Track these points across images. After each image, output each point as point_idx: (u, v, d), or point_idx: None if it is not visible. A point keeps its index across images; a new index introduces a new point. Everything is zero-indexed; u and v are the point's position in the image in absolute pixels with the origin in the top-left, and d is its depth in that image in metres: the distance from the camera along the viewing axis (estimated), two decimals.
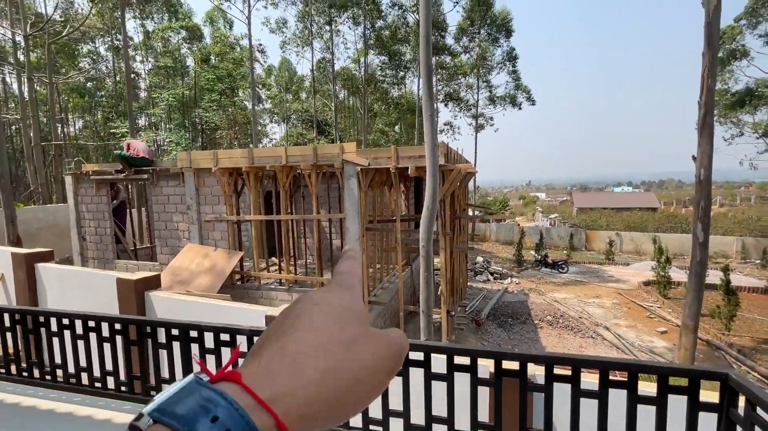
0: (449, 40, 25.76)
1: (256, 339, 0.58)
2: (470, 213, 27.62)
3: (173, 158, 9.60)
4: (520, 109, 27.04)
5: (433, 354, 1.78)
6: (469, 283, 15.27)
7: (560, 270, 17.72)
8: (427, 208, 5.27)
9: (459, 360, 1.75)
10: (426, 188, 5.29)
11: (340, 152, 6.39)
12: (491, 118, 28.59)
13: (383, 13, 23.25)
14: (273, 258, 8.31)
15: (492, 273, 16.47)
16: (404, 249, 7.83)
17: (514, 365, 1.68)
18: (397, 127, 28.51)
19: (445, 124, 30.48)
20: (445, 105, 27.34)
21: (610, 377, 1.55)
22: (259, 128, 28.07)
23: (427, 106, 5.28)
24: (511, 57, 25.93)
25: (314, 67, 24.83)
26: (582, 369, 1.60)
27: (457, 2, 24.18)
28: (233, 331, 2.06)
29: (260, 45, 23.93)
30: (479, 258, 18.24)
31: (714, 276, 11.54)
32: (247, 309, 3.86)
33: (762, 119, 19.29)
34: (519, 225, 30.31)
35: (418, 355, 1.79)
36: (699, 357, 8.60)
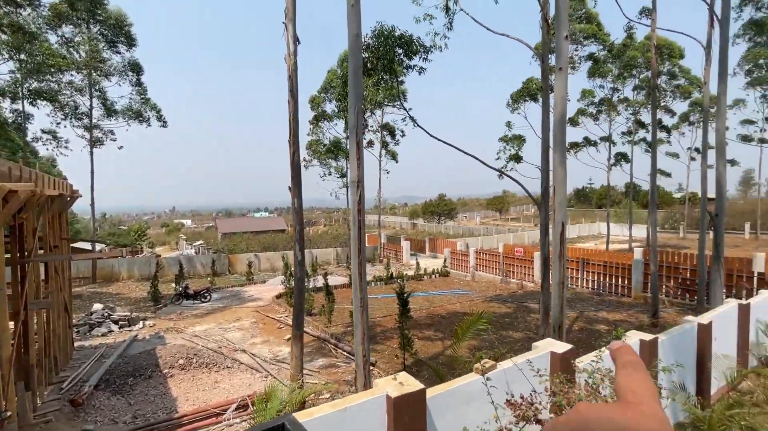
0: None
1: None
2: (92, 247, 21.58)
3: None
4: (149, 125, 24.28)
5: None
6: (80, 343, 11.48)
7: (202, 299, 16.98)
8: None
9: None
10: None
11: None
12: (112, 132, 23.90)
13: None
14: None
15: (116, 322, 13.26)
16: None
17: None
18: None
19: (43, 132, 22.45)
20: (33, 104, 20.11)
21: None
22: None
23: None
24: (135, 68, 22.93)
25: None
26: None
27: None
28: None
29: None
30: (97, 306, 14.27)
31: (318, 281, 14.62)
32: None
33: (341, 164, 27.55)
34: (159, 256, 26.94)
35: None
36: (311, 352, 10.40)
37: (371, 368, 8.74)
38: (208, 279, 21.33)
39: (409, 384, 2.63)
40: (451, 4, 10.03)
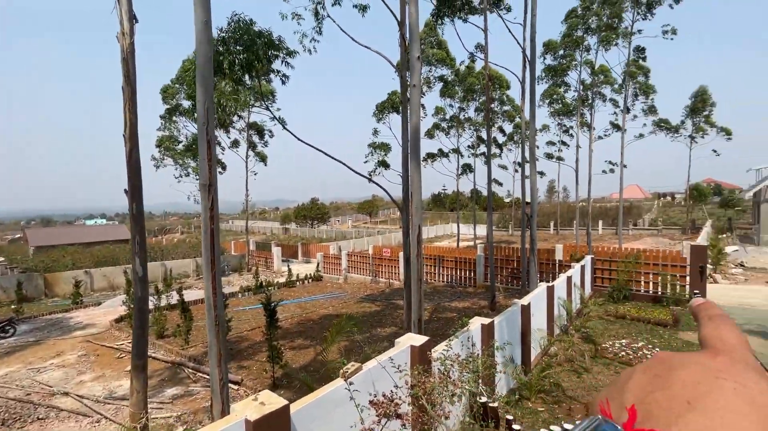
0: None
1: None
2: None
3: None
4: None
5: None
6: None
7: (1, 336, 13.00)
8: None
9: None
10: None
11: None
12: None
13: None
14: None
15: None
16: None
17: None
18: None
19: None
20: None
21: None
22: None
23: None
24: None
25: None
26: None
27: None
28: None
29: None
30: None
31: (173, 297, 12.80)
32: None
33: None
34: None
35: None
36: (164, 381, 9.00)
37: (237, 387, 8.05)
38: (12, 307, 16.44)
39: (271, 402, 2.49)
40: (320, 8, 10.08)
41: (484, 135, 32.20)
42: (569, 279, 10.30)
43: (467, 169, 33.78)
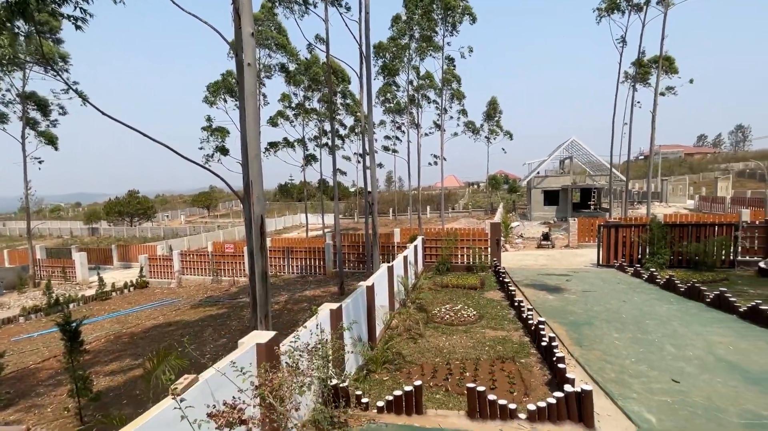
0: None
1: None
2: None
3: None
4: None
5: None
6: None
7: None
8: None
9: None
10: None
11: None
12: None
13: None
14: None
15: None
16: None
17: None
18: None
19: None
20: None
21: None
22: None
23: None
24: None
25: None
26: None
27: None
28: None
29: None
30: None
31: None
32: None
33: None
34: None
35: None
36: None
37: None
38: None
39: None
40: None
41: (327, 127, 32.78)
42: (405, 258, 11.57)
43: (312, 159, 33.86)
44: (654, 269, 12.14)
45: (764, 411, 4.60)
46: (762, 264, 11.57)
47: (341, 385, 4.83)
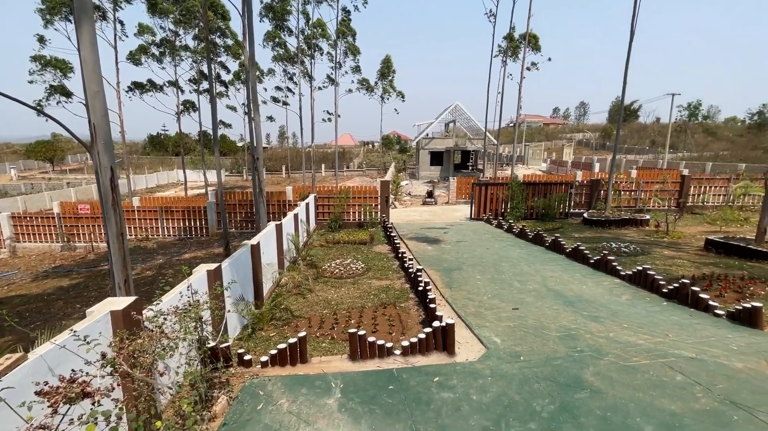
0: None
1: None
2: None
3: None
4: None
5: None
6: None
7: None
8: None
9: None
10: None
11: None
12: None
13: None
14: None
15: None
16: None
17: None
18: None
19: None
20: None
21: None
22: None
23: None
24: None
25: None
26: None
27: None
28: None
29: None
30: None
31: None
32: None
33: None
34: None
35: None
36: None
37: None
38: None
39: None
40: None
41: (207, 69, 28.81)
42: (296, 216, 11.35)
43: (190, 107, 29.81)
44: (512, 221, 14.31)
45: (572, 325, 6.01)
46: (586, 215, 14.61)
47: (221, 346, 4.67)
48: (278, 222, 9.14)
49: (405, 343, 5.30)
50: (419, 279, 7.61)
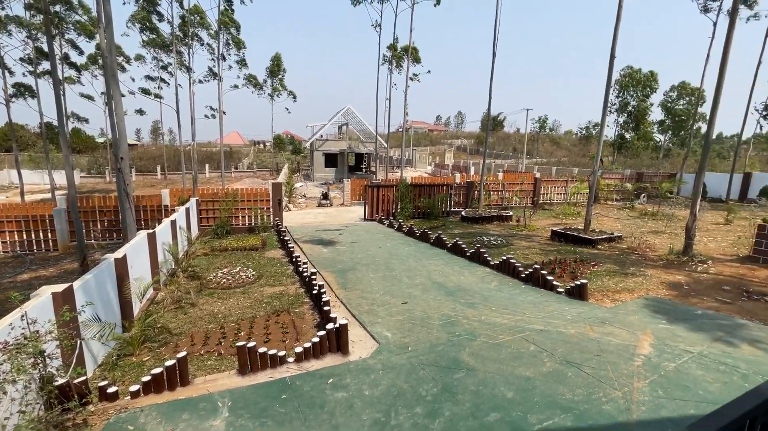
0: None
1: None
2: None
3: None
4: None
5: None
6: None
7: None
8: None
9: None
10: None
11: None
12: None
13: None
14: None
15: None
16: None
17: None
18: None
19: None
20: None
21: None
22: None
23: None
24: None
25: None
26: None
27: None
28: None
29: None
30: None
31: None
32: None
33: None
34: None
35: None
36: None
37: None
38: None
39: None
40: None
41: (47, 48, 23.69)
42: (173, 223, 10.17)
43: (26, 91, 24.24)
44: (402, 220, 15.24)
45: (452, 313, 6.72)
46: (463, 213, 16.39)
47: (75, 381, 3.96)
48: (151, 231, 8.08)
49: (299, 349, 5.24)
50: (314, 282, 7.58)
